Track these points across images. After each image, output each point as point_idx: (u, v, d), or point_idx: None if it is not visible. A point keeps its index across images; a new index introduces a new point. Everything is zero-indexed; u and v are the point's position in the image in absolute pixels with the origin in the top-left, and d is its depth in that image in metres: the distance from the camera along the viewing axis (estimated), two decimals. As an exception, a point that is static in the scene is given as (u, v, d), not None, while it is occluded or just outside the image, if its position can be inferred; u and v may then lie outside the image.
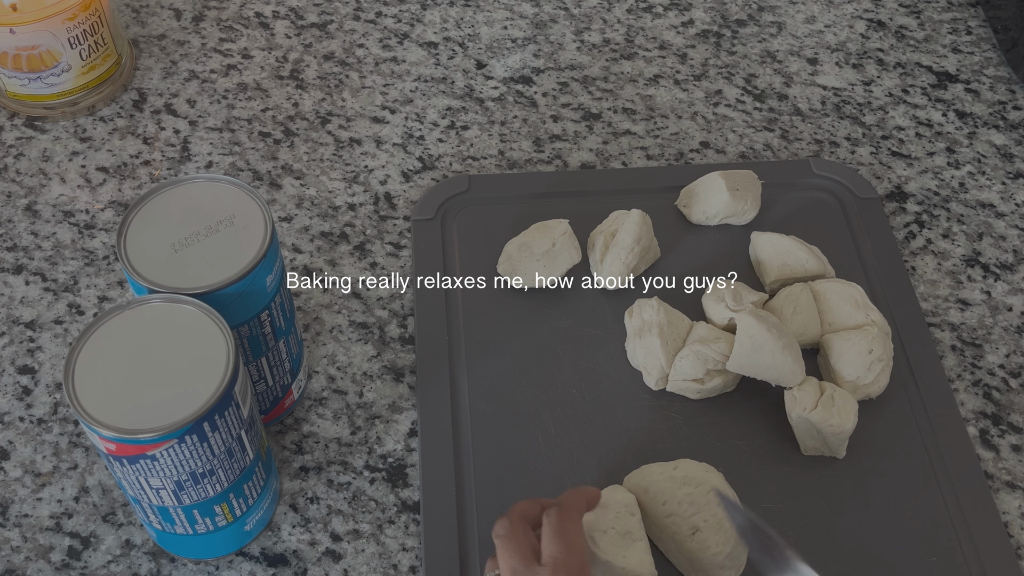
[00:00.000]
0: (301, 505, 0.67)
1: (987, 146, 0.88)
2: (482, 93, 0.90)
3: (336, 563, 0.65)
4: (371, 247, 0.79)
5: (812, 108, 0.90)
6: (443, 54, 0.93)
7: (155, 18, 0.95)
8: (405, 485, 0.68)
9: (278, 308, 0.63)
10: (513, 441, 0.68)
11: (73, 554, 0.65)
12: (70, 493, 0.67)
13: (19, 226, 0.80)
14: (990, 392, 0.73)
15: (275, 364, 0.66)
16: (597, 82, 0.91)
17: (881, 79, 0.93)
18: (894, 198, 0.84)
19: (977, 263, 0.80)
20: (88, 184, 0.82)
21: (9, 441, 0.69)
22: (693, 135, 0.87)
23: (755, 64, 0.93)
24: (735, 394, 0.71)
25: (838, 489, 0.67)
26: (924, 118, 0.90)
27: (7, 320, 0.75)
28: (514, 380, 0.71)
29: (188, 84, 0.89)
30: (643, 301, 0.72)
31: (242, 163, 0.84)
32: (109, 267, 0.78)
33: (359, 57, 0.92)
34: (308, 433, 0.70)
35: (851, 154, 0.87)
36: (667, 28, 0.96)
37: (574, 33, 0.95)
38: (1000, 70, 0.94)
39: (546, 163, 0.85)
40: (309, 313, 0.76)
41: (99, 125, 0.86)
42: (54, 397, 0.71)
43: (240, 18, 0.95)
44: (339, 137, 0.86)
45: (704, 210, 0.79)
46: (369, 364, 0.73)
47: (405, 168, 0.84)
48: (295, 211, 0.81)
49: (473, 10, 0.97)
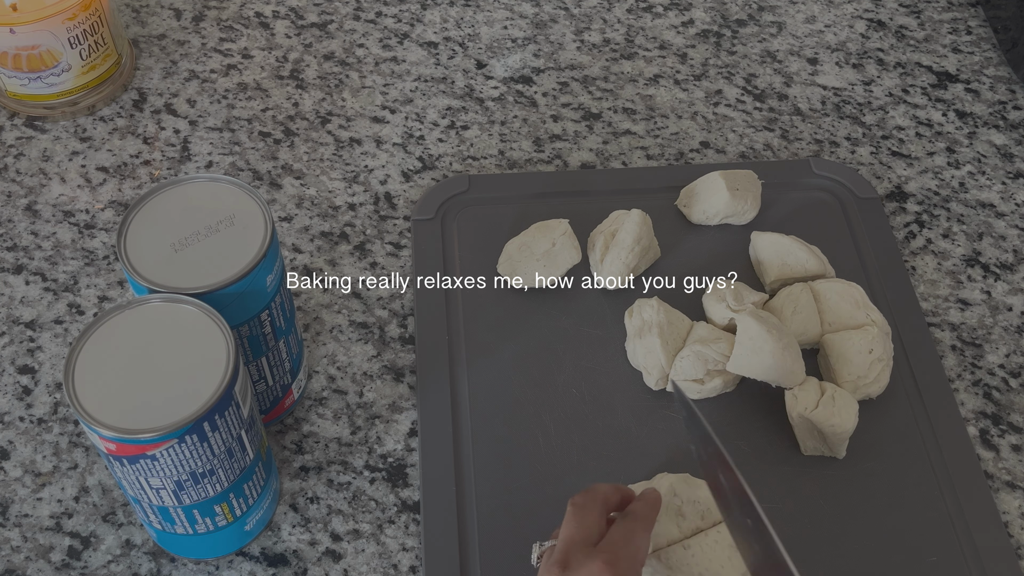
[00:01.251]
0: (301, 505, 0.67)
1: (987, 146, 0.88)
2: (482, 93, 0.90)
3: (336, 563, 0.65)
4: (371, 247, 0.79)
5: (812, 108, 0.90)
6: (443, 54, 0.93)
7: (155, 18, 0.95)
8: (405, 485, 0.68)
9: (278, 308, 0.63)
10: (513, 441, 0.68)
11: (73, 554, 0.65)
12: (70, 493, 0.67)
13: (19, 226, 0.80)
14: (990, 392, 0.73)
15: (275, 364, 0.66)
16: (597, 82, 0.91)
17: (881, 79, 0.93)
18: (894, 198, 0.84)
19: (977, 263, 0.80)
20: (88, 184, 0.82)
21: (9, 441, 0.69)
22: (693, 135, 0.87)
23: (755, 64, 0.93)
24: (735, 394, 0.71)
25: (838, 489, 0.67)
26: (924, 118, 0.90)
27: (7, 320, 0.75)
28: (514, 380, 0.71)
29: (188, 84, 0.89)
30: (643, 301, 0.72)
31: (242, 163, 0.84)
32: (109, 267, 0.78)
33: (359, 57, 0.92)
34: (308, 433, 0.70)
35: (851, 154, 0.87)
36: (667, 28, 0.96)
37: (574, 33, 0.95)
38: (1000, 70, 0.94)
39: (546, 163, 0.85)
40: (309, 313, 0.76)
41: (99, 125, 0.86)
42: (54, 397, 0.71)
43: (240, 18, 0.95)
44: (339, 137, 0.86)
45: (704, 210, 0.79)
46: (369, 364, 0.73)
47: (405, 168, 0.84)
48: (295, 211, 0.81)
49: (473, 10, 0.97)
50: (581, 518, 0.54)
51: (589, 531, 0.53)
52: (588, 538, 0.53)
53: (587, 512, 0.54)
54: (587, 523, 0.54)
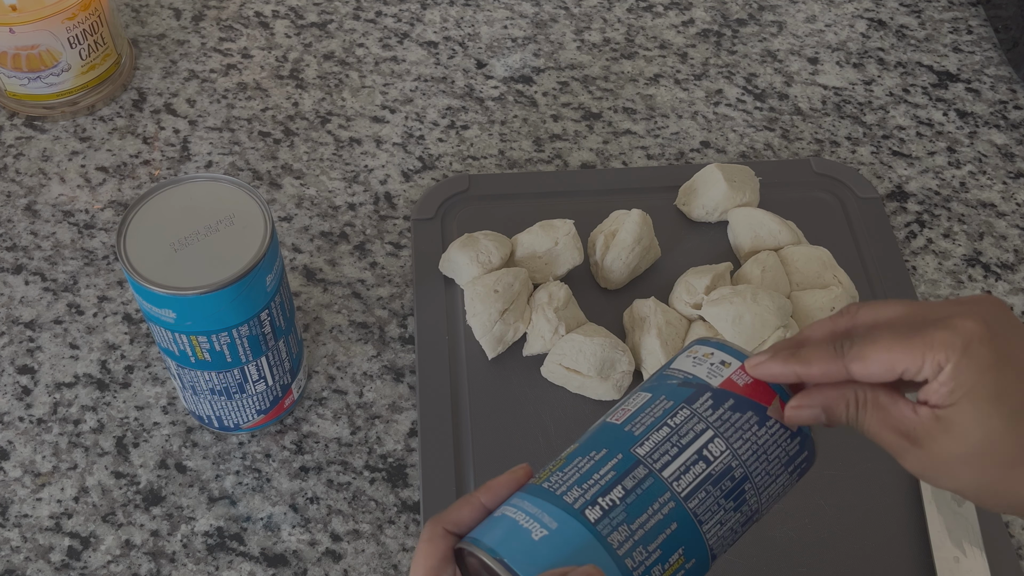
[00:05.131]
0: (301, 505, 0.67)
1: (988, 146, 0.88)
2: (482, 92, 0.90)
3: (336, 563, 0.65)
4: (371, 247, 0.79)
5: (813, 108, 0.90)
6: (443, 53, 0.93)
7: (155, 18, 0.95)
8: (405, 485, 0.68)
9: (278, 308, 0.63)
10: (513, 441, 0.68)
11: (73, 554, 0.64)
12: (70, 493, 0.67)
13: (19, 226, 0.80)
14: (991, 392, 0.73)
15: (275, 364, 0.66)
16: (597, 81, 0.91)
17: (882, 78, 0.93)
18: (895, 198, 0.84)
19: (978, 263, 0.80)
20: (88, 184, 0.82)
21: (9, 441, 0.69)
22: (693, 135, 0.87)
23: (756, 63, 0.93)
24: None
25: (838, 488, 0.67)
26: (925, 117, 0.90)
27: (7, 320, 0.74)
28: (514, 380, 0.71)
29: (188, 84, 0.89)
30: (641, 301, 0.72)
31: (242, 163, 0.84)
32: (109, 267, 0.78)
33: (359, 56, 0.92)
34: (308, 433, 0.70)
35: (852, 153, 0.87)
36: (667, 27, 0.96)
37: (574, 32, 0.95)
38: (1001, 69, 0.94)
39: (546, 163, 0.85)
40: (309, 313, 0.76)
41: (99, 125, 0.86)
42: (54, 397, 0.71)
43: (240, 18, 0.95)
44: (339, 137, 0.86)
45: (703, 204, 0.79)
46: (369, 364, 0.73)
47: (405, 168, 0.84)
48: (295, 211, 0.81)
49: (473, 9, 0.96)
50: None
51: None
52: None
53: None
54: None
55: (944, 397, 0.44)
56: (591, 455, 0.47)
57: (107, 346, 0.73)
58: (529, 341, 0.71)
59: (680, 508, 0.45)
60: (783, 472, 0.48)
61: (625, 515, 0.44)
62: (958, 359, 0.44)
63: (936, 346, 0.44)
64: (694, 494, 0.45)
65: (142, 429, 0.70)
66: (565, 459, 0.47)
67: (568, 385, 0.70)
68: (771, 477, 0.47)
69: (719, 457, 0.46)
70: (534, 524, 0.44)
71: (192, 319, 0.59)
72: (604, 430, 0.48)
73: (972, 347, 0.44)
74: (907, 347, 0.44)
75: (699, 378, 0.48)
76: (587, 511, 0.44)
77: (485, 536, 0.45)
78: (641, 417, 0.47)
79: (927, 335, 0.44)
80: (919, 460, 0.45)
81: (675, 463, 0.46)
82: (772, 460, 0.47)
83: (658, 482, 0.45)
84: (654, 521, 0.45)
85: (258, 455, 0.69)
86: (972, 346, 0.44)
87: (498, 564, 0.43)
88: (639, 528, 0.44)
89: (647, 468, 0.45)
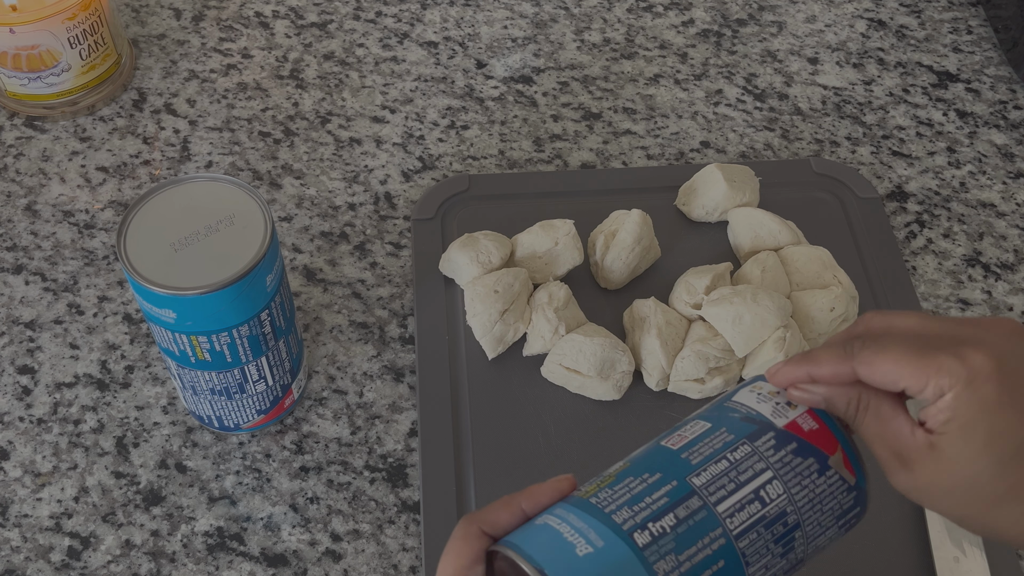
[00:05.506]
0: (301, 505, 0.67)
1: (988, 146, 0.88)
2: (482, 93, 0.90)
3: (336, 563, 0.65)
4: (371, 247, 0.79)
5: (812, 108, 0.90)
6: (443, 54, 0.93)
7: (155, 18, 0.95)
8: (405, 485, 0.68)
9: (278, 308, 0.63)
10: (513, 441, 0.68)
11: (73, 554, 0.64)
12: (70, 493, 0.67)
13: (19, 226, 0.80)
14: (991, 392, 0.73)
15: (275, 364, 0.66)
16: (597, 82, 0.91)
17: (882, 78, 0.93)
18: (895, 198, 0.84)
19: (978, 263, 0.80)
20: (88, 184, 0.82)
21: (9, 441, 0.69)
22: (693, 135, 0.87)
23: (755, 64, 0.93)
24: (735, 394, 0.71)
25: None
26: (925, 118, 0.90)
27: (7, 320, 0.74)
28: (514, 380, 0.71)
29: (188, 84, 0.89)
30: (641, 301, 0.72)
31: (242, 163, 0.84)
32: (109, 267, 0.78)
33: (359, 57, 0.92)
34: (308, 433, 0.70)
35: (852, 154, 0.87)
36: (667, 27, 0.96)
37: (574, 32, 0.95)
38: (1001, 69, 0.94)
39: (546, 163, 0.85)
40: (309, 313, 0.76)
41: (99, 125, 0.86)
42: (54, 397, 0.71)
43: (240, 18, 0.95)
44: (339, 137, 0.86)
45: (703, 204, 0.79)
46: (369, 364, 0.73)
47: (405, 168, 0.84)
48: (295, 211, 0.81)
49: (473, 9, 0.97)
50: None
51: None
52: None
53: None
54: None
55: (939, 424, 0.44)
56: (644, 477, 0.45)
57: (107, 346, 0.73)
58: (529, 341, 0.71)
59: (730, 546, 0.44)
60: (833, 524, 0.47)
61: (674, 544, 0.43)
62: (960, 390, 0.43)
63: (942, 371, 0.43)
64: (746, 534, 0.44)
65: (142, 429, 0.70)
66: (615, 476, 0.46)
67: (568, 385, 0.70)
68: (821, 528, 0.46)
69: (775, 500, 0.45)
70: (579, 539, 0.43)
71: (192, 319, 0.59)
72: (659, 453, 0.47)
73: (977, 382, 0.43)
74: (915, 365, 0.44)
75: (763, 416, 0.47)
76: (636, 534, 0.43)
77: (525, 543, 0.43)
78: (699, 447, 0.46)
79: (935, 358, 0.43)
80: (906, 481, 0.45)
81: (731, 499, 0.44)
82: (826, 511, 0.46)
83: (711, 515, 0.44)
84: (703, 555, 0.43)
85: (258, 455, 0.69)
86: (977, 381, 0.43)
87: (538, 575, 0.42)
88: (687, 560, 0.43)
89: (702, 500, 0.44)
